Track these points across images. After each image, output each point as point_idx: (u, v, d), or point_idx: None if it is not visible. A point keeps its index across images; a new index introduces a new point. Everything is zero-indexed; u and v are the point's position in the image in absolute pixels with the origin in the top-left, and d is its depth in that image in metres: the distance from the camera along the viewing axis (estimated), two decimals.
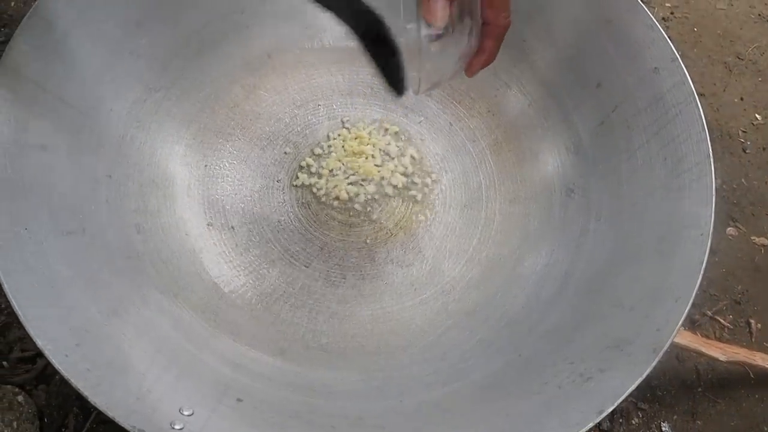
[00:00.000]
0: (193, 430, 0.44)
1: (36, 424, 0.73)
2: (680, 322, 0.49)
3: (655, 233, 0.56)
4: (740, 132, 1.05)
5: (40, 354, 0.79)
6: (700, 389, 0.83)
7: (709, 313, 0.89)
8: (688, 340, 0.78)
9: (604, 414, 0.46)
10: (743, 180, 1.01)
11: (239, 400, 0.50)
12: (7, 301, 0.83)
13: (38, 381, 0.77)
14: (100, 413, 0.75)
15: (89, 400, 0.43)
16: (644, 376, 0.47)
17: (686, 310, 0.50)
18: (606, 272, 0.57)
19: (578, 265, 0.60)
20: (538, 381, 0.51)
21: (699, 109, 0.58)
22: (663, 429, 0.80)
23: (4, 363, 0.78)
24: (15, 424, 0.70)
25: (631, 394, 0.81)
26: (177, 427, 0.43)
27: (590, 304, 0.56)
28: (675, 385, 0.83)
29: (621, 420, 0.81)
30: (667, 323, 0.49)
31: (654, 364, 0.48)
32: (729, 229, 0.97)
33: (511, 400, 0.51)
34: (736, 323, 0.89)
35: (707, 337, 0.84)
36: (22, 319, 0.44)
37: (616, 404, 0.46)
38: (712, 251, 0.95)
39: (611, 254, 0.58)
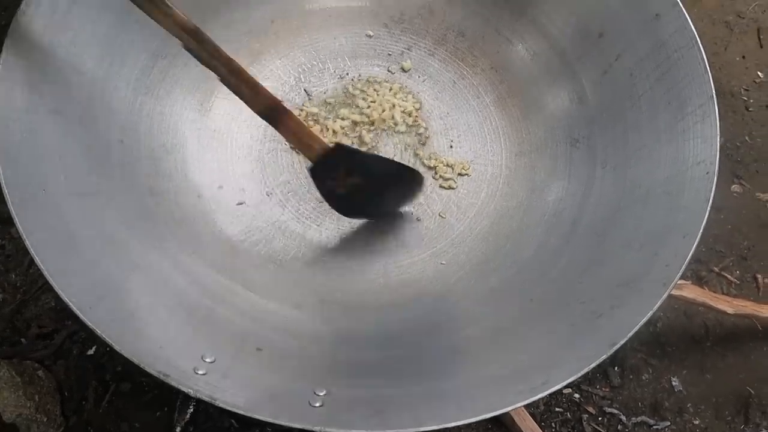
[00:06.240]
0: (217, 376, 0.45)
1: (57, 397, 0.74)
2: (689, 257, 0.50)
3: (661, 175, 0.56)
4: (742, 90, 1.05)
5: (57, 330, 0.81)
6: (708, 344, 0.83)
7: (716, 269, 0.89)
8: (696, 294, 0.79)
9: (617, 346, 0.46)
10: (747, 138, 1.01)
11: (259, 349, 0.51)
12: (23, 279, 0.85)
13: (57, 357, 0.78)
14: (118, 386, 0.77)
15: (116, 348, 0.43)
16: (655, 308, 0.48)
17: (694, 245, 0.50)
18: (613, 216, 0.58)
19: (586, 211, 0.61)
20: (551, 321, 0.52)
21: (701, 51, 0.58)
22: (673, 383, 0.80)
23: (23, 340, 0.80)
24: (37, 397, 0.71)
25: (640, 350, 0.83)
26: (200, 372, 0.45)
27: (599, 247, 0.57)
28: (684, 341, 0.84)
29: (631, 376, 0.82)
30: (676, 258, 0.50)
31: (664, 297, 0.48)
32: (734, 186, 0.97)
33: (524, 340, 0.52)
34: (742, 278, 0.89)
35: (714, 292, 0.84)
36: (46, 274, 0.45)
37: (628, 336, 0.47)
38: (717, 208, 0.96)
39: (618, 198, 0.59)
